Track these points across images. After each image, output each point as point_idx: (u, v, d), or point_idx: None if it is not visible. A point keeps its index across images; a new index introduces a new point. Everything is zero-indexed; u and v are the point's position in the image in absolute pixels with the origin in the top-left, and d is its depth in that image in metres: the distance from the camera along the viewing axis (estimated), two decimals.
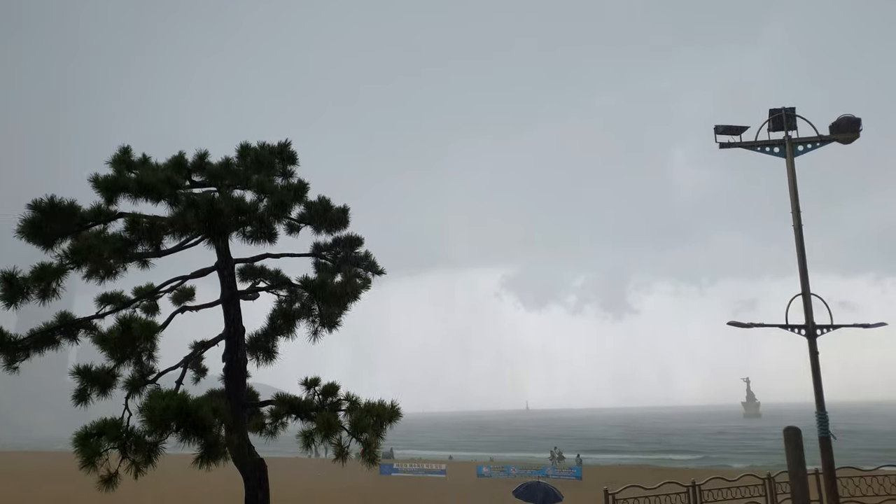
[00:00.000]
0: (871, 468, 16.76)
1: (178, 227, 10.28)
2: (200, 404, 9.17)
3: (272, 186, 10.94)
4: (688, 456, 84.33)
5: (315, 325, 11.21)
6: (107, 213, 10.79)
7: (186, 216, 9.76)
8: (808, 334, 15.93)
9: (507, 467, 59.77)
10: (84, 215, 10.63)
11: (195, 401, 9.34)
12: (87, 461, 8.62)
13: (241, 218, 10.32)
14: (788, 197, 16.75)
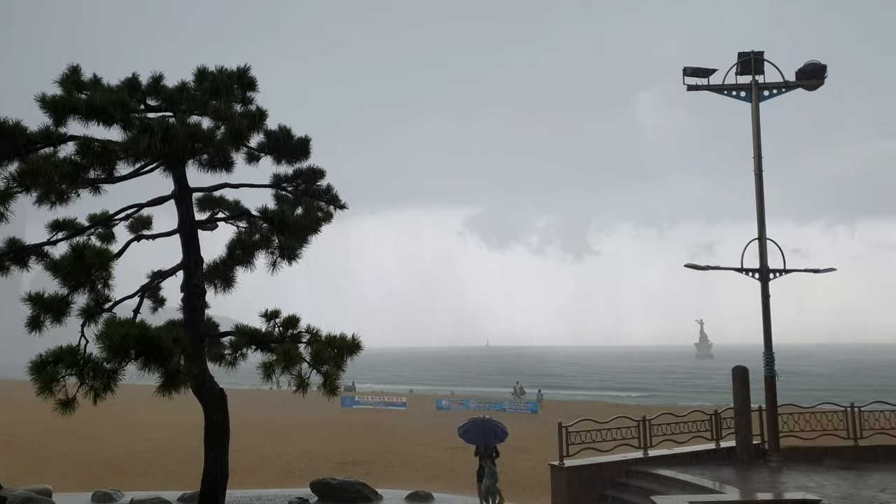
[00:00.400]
0: (810, 406, 17.52)
1: (133, 153, 9.94)
2: (161, 333, 9.10)
3: (230, 113, 10.61)
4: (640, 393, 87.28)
5: (274, 256, 11.10)
6: (56, 136, 10.38)
7: (140, 141, 9.44)
8: (761, 278, 16.36)
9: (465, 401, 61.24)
10: (31, 137, 10.21)
11: (155, 329, 9.25)
12: (43, 387, 8.54)
13: (198, 145, 10.02)
14: (751, 144, 16.92)
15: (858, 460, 15.87)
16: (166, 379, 8.82)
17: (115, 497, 19.46)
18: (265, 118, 11.27)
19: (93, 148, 10.02)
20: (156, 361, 8.66)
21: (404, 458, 30.05)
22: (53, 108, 10.06)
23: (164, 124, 9.80)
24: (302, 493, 18.93)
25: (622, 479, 15.52)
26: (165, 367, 8.75)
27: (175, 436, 36.14)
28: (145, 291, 11.42)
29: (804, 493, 12.66)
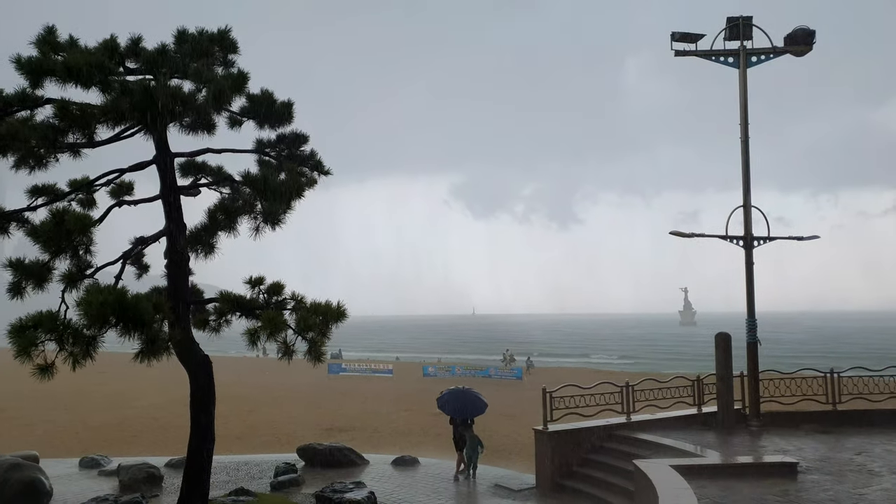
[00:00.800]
0: (790, 372, 17.78)
1: (112, 116, 9.75)
2: (139, 299, 9.02)
3: (211, 75, 10.40)
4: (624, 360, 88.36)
5: (257, 221, 10.99)
6: (33, 99, 10.14)
7: (120, 104, 9.24)
8: (745, 245, 16.45)
9: (452, 367, 61.67)
10: (7, 99, 9.97)
11: (134, 296, 9.17)
12: (21, 351, 8.47)
13: (179, 108, 9.84)
14: (737, 113, 16.87)
15: (836, 424, 16.17)
16: (146, 345, 8.77)
17: (103, 463, 19.55)
18: (247, 80, 11.07)
19: (71, 111, 9.81)
20: (135, 328, 8.59)
21: (391, 423, 30.32)
22: (30, 70, 9.81)
23: (143, 87, 9.61)
24: (289, 458, 19.09)
25: (605, 444, 15.74)
26: (145, 334, 8.69)
27: (162, 404, 36.24)
28: (128, 258, 11.30)
29: (783, 456, 12.92)
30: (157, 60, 10.58)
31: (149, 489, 15.99)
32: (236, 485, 15.78)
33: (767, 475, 11.51)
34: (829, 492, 10.44)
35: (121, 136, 10.79)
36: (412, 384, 50.90)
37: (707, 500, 9.83)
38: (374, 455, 20.22)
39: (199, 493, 11.48)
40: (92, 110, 9.87)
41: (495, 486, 16.08)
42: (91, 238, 9.95)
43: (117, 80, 9.78)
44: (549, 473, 15.47)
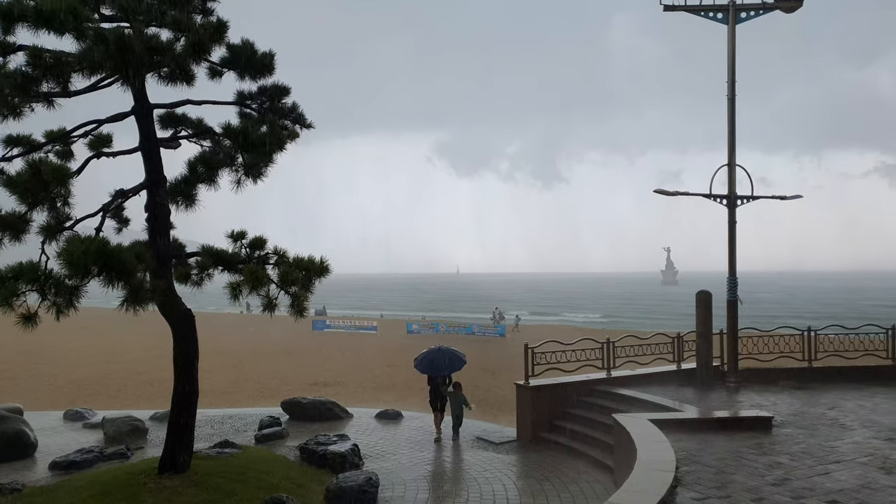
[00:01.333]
0: (769, 330, 18.07)
1: (87, 65, 9.47)
2: (121, 249, 8.92)
3: (190, 24, 10.11)
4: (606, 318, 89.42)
5: (238, 174, 10.83)
6: (5, 45, 9.83)
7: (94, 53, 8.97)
8: (728, 204, 16.51)
9: (435, 324, 62.17)
10: None
11: (116, 246, 9.07)
12: (3, 301, 8.38)
13: (156, 58, 9.58)
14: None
15: (812, 380, 16.54)
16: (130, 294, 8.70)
17: (87, 415, 19.64)
18: (226, 29, 10.77)
19: (44, 59, 9.52)
20: (118, 278, 8.52)
21: (375, 379, 30.61)
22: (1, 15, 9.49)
23: (119, 35, 9.33)
24: (273, 412, 19.26)
25: (585, 398, 16.01)
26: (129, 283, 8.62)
27: (146, 359, 36.29)
28: (107, 210, 11.12)
29: (758, 410, 13.20)
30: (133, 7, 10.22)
31: (133, 441, 16.12)
32: (221, 437, 15.93)
33: (743, 429, 11.78)
34: (801, 444, 10.71)
35: (97, 85, 10.51)
36: (396, 341, 51.29)
37: (684, 453, 10.05)
38: (357, 409, 20.44)
39: (184, 445, 11.56)
40: (66, 58, 9.60)
41: (476, 438, 16.35)
42: (69, 190, 9.77)
43: (92, 28, 9.48)
44: (529, 427, 15.75)
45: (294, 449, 14.80)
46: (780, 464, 9.56)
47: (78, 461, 13.89)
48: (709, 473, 9.09)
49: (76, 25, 9.01)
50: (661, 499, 7.57)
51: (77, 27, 9.06)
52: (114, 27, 10.08)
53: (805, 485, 8.55)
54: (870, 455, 9.99)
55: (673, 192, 17.15)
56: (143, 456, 14.58)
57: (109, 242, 9.04)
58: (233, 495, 10.87)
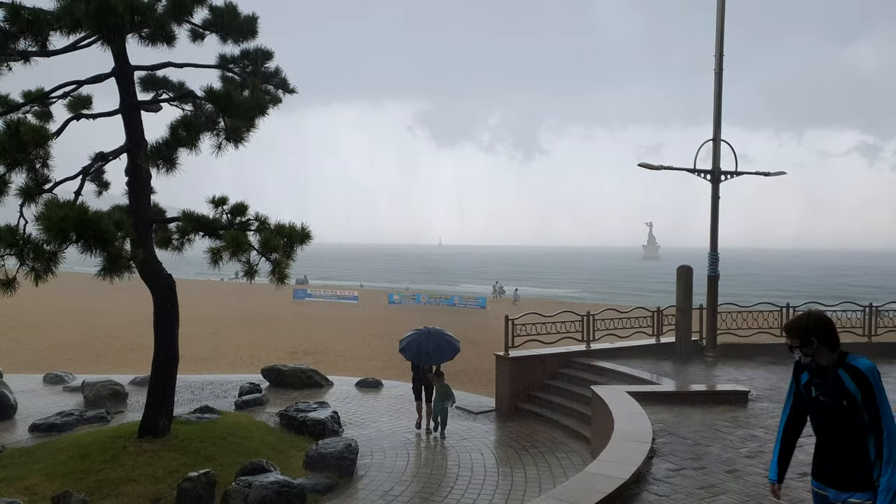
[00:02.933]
0: (748, 306, 18.30)
1: (66, 24, 9.24)
2: (101, 216, 8.80)
3: None
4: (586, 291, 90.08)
5: (220, 138, 10.69)
6: None
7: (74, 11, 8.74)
8: (712, 179, 16.57)
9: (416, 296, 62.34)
10: None
11: (95, 213, 8.94)
12: None
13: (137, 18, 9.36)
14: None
15: (788, 357, 16.65)
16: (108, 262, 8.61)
17: (67, 379, 19.57)
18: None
19: (22, 15, 9.27)
20: (97, 245, 8.42)
21: (355, 348, 30.71)
22: None
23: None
24: (253, 379, 19.29)
25: (564, 370, 16.17)
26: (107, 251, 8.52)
27: (127, 324, 36.11)
28: (87, 173, 10.95)
29: (735, 384, 13.40)
30: None
31: (113, 405, 16.10)
32: (201, 403, 15.95)
33: (719, 402, 11.97)
34: (776, 418, 10.91)
35: (77, 45, 10.27)
36: (377, 311, 51.42)
37: (661, 425, 10.21)
38: (338, 377, 20.52)
39: (164, 409, 11.56)
40: (45, 16, 9.35)
41: (455, 407, 16.49)
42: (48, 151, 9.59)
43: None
44: (508, 397, 15.90)
45: (274, 415, 14.85)
46: (755, 437, 9.74)
47: (58, 424, 13.87)
48: (684, 445, 9.25)
49: None
50: (637, 469, 7.70)
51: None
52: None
53: None
54: None
55: (657, 167, 17.18)
56: (122, 420, 14.60)
57: (89, 209, 8.92)
58: (212, 459, 10.92)
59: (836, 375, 4.30)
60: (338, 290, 67.44)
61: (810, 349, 4.37)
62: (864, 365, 4.27)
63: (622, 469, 7.59)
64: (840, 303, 18.92)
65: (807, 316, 4.43)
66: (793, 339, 4.42)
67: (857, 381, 4.23)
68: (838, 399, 4.25)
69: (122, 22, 9.11)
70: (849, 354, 4.39)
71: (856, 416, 4.21)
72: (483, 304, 55.20)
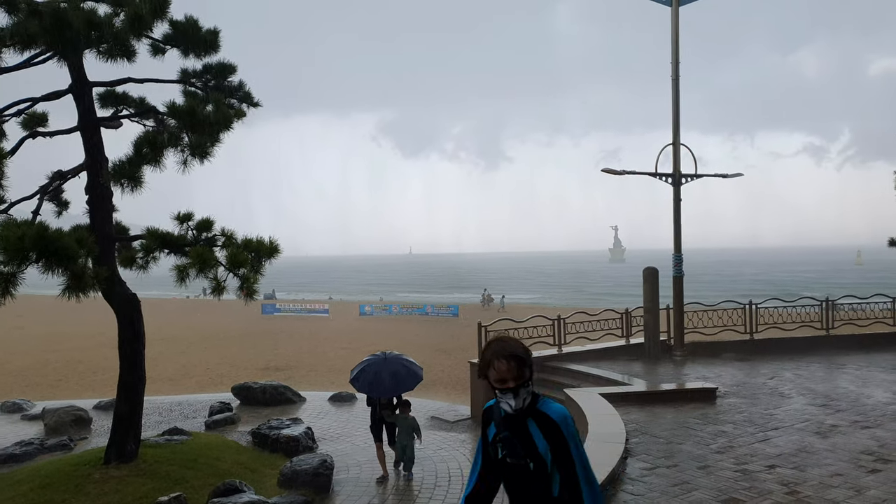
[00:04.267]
0: (713, 304, 18.62)
1: (20, 40, 9.05)
2: (62, 234, 8.61)
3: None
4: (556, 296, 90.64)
5: (184, 154, 10.55)
6: None
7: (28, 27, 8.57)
8: (673, 182, 16.87)
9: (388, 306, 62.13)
10: None
11: (56, 230, 8.74)
12: None
13: (95, 33, 9.21)
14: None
15: (753, 352, 17.14)
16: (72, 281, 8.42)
17: (26, 407, 19.02)
18: (168, 5, 10.43)
19: None
20: (59, 263, 8.22)
21: (327, 362, 30.43)
22: None
23: (55, 8, 8.93)
24: (223, 397, 19.01)
25: (537, 374, 16.19)
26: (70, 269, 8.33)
27: (89, 346, 35.29)
28: (45, 193, 10.72)
29: (703, 382, 13.62)
30: None
31: (76, 432, 15.70)
32: (170, 424, 15.65)
33: (689, 400, 12.14)
34: (744, 413, 11.11)
35: (31, 62, 10.07)
36: (349, 323, 51.06)
37: (633, 425, 10.32)
38: (310, 392, 20.33)
39: (131, 433, 11.30)
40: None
41: (431, 418, 16.45)
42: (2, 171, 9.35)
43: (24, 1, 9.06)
44: (483, 404, 15.87)
45: (246, 434, 14.64)
46: (724, 432, 9.90)
47: (17, 454, 13.43)
48: (657, 444, 9.35)
49: None
50: (612, 470, 7.77)
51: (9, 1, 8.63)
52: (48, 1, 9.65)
53: (747, 451, 8.88)
54: (806, 421, 10.43)
55: (620, 171, 17.41)
56: (87, 446, 14.21)
57: (48, 227, 8.72)
58: (183, 482, 10.70)
59: (525, 427, 3.21)
60: (307, 304, 66.83)
61: (527, 390, 3.20)
62: (558, 413, 3.21)
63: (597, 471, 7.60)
64: (798, 298, 19.40)
65: (512, 341, 3.29)
66: (507, 374, 3.16)
67: (548, 434, 3.17)
68: (525, 460, 3.20)
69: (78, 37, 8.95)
70: (540, 398, 3.28)
71: (547, 482, 3.21)
72: (455, 313, 55.19)
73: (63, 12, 8.89)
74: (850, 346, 17.71)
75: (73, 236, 8.79)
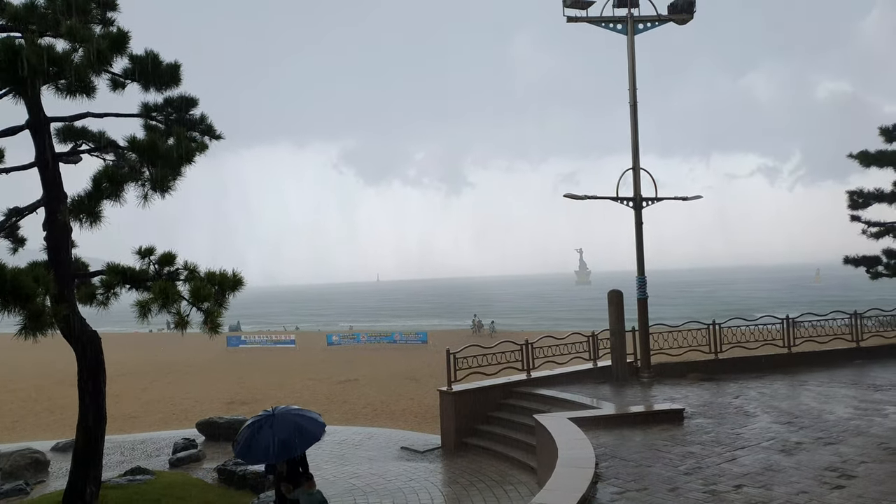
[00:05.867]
0: (677, 325, 18.87)
1: None
2: (19, 272, 8.39)
3: (88, 34, 9.66)
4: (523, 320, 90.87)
5: (145, 188, 10.42)
6: None
7: None
8: (635, 206, 17.17)
9: (356, 335, 61.62)
10: None
11: (12, 269, 8.52)
12: None
13: (53, 69, 9.10)
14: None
15: (718, 372, 17.39)
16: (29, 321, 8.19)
17: None
18: (128, 40, 10.37)
19: None
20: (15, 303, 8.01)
21: (294, 394, 30.01)
22: None
23: (9, 45, 8.81)
24: (188, 434, 18.59)
25: (507, 401, 16.22)
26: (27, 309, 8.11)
27: (46, 384, 34.28)
28: (1, 230, 10.47)
29: (671, 403, 13.77)
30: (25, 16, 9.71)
31: (33, 475, 15.17)
32: (132, 464, 15.23)
33: (657, 422, 12.25)
34: (711, 433, 11.24)
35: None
36: (316, 353, 50.50)
37: (603, 449, 10.36)
38: None
39: (91, 475, 10.96)
40: None
41: (401, 448, 16.29)
42: None
43: None
44: (453, 433, 15.82)
45: (212, 471, 14.33)
46: (692, 453, 10.00)
47: None
48: (627, 467, 9.40)
49: None
50: (583, 495, 7.77)
51: None
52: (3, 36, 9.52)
53: (715, 471, 8.98)
54: (771, 439, 10.60)
55: (582, 196, 17.66)
56: (44, 490, 13.76)
57: (4, 265, 8.50)
58: None
59: None
60: (273, 335, 65.98)
61: None
62: None
63: (568, 497, 7.65)
64: (760, 317, 19.78)
65: None
66: None
67: None
68: None
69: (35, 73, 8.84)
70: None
71: None
72: (424, 339, 55.00)
73: (19, 48, 8.78)
74: (811, 363, 18.11)
75: (31, 274, 8.57)
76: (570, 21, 17.11)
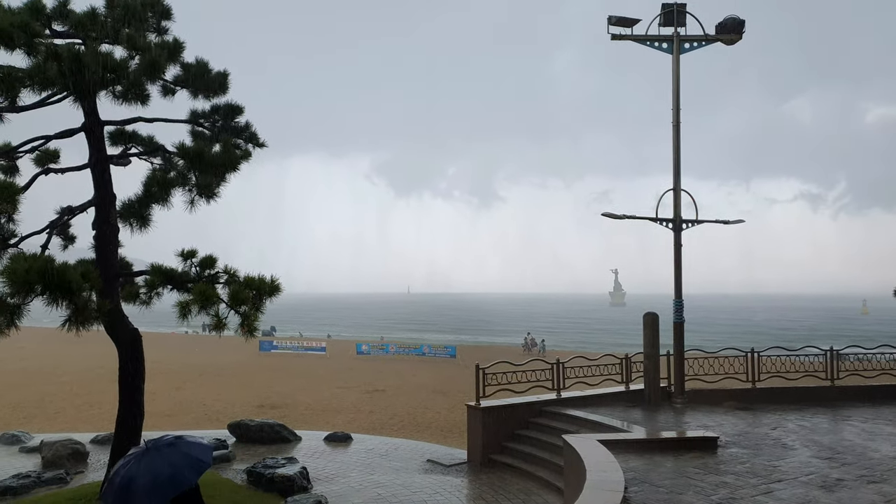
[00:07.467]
0: (714, 351, 18.53)
1: (38, 81, 9.26)
2: (67, 267, 8.70)
3: (144, 43, 10.01)
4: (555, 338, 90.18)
5: (192, 194, 10.70)
6: None
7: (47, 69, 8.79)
8: (674, 227, 16.97)
9: (385, 345, 61.81)
10: None
11: (61, 264, 8.84)
12: None
13: (110, 76, 9.43)
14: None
15: (755, 401, 17.01)
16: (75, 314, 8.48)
17: (24, 439, 18.86)
18: (182, 49, 10.73)
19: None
20: (63, 296, 8.29)
21: (323, 401, 30.22)
22: None
23: (73, 52, 9.17)
24: (219, 434, 18.82)
25: (535, 419, 16.12)
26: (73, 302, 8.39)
27: (88, 379, 35.12)
28: (54, 227, 10.84)
29: (704, 431, 13.51)
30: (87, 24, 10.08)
31: (73, 466, 15.53)
32: None
33: (689, 449, 12.03)
34: (746, 464, 11.01)
35: (47, 101, 10.29)
36: (345, 362, 50.80)
37: (632, 474, 10.22)
38: (306, 431, 20.15)
39: None
40: (17, 73, 9.37)
41: (427, 461, 16.28)
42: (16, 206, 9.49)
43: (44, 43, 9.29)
44: (480, 448, 15.76)
45: (241, 472, 14.49)
46: (726, 483, 9.80)
47: (14, 486, 13.32)
48: (657, 493, 9.26)
49: (27, 41, 8.83)
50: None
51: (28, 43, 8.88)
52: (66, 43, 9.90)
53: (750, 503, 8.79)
54: (811, 474, 10.33)
55: (621, 216, 17.52)
56: (83, 480, 14.07)
57: (54, 260, 8.82)
58: None
59: None
60: (305, 341, 66.57)
61: None
62: None
63: None
64: (801, 347, 19.31)
65: None
66: None
67: None
68: None
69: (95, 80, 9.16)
70: None
71: None
72: (453, 353, 54.91)
73: (80, 55, 9.12)
74: (855, 398, 17.56)
75: (78, 270, 8.88)
76: (615, 39, 17.05)
